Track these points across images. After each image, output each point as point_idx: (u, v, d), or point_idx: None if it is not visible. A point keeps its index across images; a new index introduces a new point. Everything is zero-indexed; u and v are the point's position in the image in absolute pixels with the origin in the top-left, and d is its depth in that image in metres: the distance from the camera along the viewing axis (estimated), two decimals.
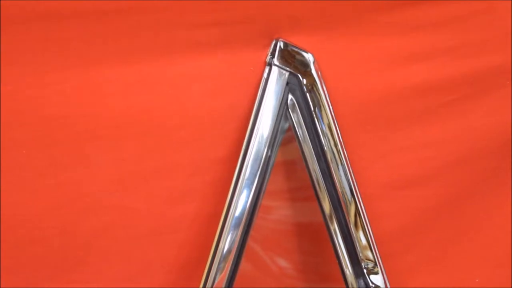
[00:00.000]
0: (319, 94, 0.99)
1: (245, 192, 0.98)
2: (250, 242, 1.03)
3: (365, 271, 1.01)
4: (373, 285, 1.01)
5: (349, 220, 1.01)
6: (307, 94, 0.99)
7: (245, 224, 0.98)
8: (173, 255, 1.06)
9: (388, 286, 1.02)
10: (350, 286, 1.01)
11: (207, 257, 0.99)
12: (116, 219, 1.03)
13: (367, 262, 1.01)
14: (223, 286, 0.99)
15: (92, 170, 1.00)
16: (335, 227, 1.01)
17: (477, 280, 1.15)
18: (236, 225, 0.98)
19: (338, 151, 1.00)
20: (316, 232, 1.12)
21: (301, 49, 0.98)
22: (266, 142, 0.98)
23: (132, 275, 1.06)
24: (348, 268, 1.01)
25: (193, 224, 1.05)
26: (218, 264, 0.98)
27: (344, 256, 1.01)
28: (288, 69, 0.97)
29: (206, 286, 0.99)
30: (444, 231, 1.13)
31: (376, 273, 1.02)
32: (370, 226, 1.02)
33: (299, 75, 0.98)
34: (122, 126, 0.99)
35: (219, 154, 1.02)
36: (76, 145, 0.98)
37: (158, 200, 1.03)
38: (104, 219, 1.02)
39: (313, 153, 1.00)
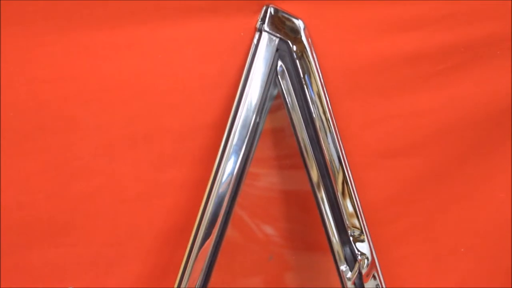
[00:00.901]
0: (308, 61, 0.99)
1: (232, 158, 0.99)
2: (236, 209, 1.04)
3: (351, 238, 1.03)
4: (359, 253, 1.03)
5: (336, 188, 1.02)
6: (297, 61, 0.99)
7: (232, 190, 1.00)
8: (160, 220, 1.07)
9: (374, 254, 1.04)
10: (336, 253, 1.03)
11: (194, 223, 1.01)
12: (103, 184, 1.04)
13: (354, 229, 1.03)
14: (209, 252, 1.00)
15: (80, 134, 1.01)
16: (322, 195, 1.02)
17: (462, 250, 1.18)
18: (223, 192, 0.99)
19: (327, 119, 1.01)
20: (303, 200, 1.13)
21: (291, 16, 0.99)
22: (254, 109, 0.99)
23: (120, 240, 1.07)
24: (334, 235, 1.03)
25: (180, 190, 1.06)
26: (205, 230, 0.99)
27: (330, 224, 1.03)
28: (278, 35, 0.98)
29: (192, 252, 1.00)
30: (431, 200, 1.15)
31: (362, 241, 1.03)
32: (358, 194, 1.04)
33: (289, 41, 0.99)
34: (111, 90, 1.00)
35: (207, 119, 1.03)
36: (64, 109, 0.99)
37: (146, 165, 1.04)
38: (92, 184, 1.03)
39: (302, 121, 1.00)
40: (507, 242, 1.19)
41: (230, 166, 0.99)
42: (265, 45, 0.98)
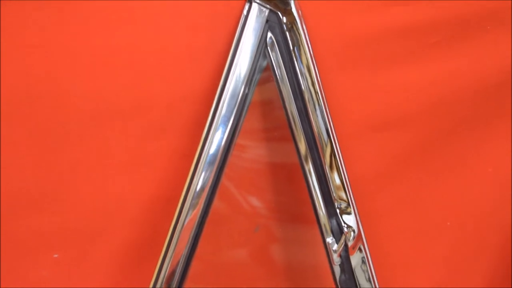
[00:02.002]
0: (298, 33, 1.01)
1: (220, 130, 1.00)
2: (224, 180, 1.06)
3: (338, 211, 1.04)
4: (346, 225, 1.04)
5: (324, 161, 1.03)
6: (287, 33, 1.00)
7: (219, 161, 1.01)
8: (148, 190, 1.09)
9: (361, 226, 1.05)
10: (322, 226, 1.04)
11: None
12: (90, 153, 1.05)
13: (340, 202, 1.04)
14: (196, 222, 1.01)
15: (68, 102, 1.02)
16: (310, 167, 1.03)
17: (448, 224, 1.20)
18: (211, 163, 1.01)
19: (315, 91, 1.02)
20: (290, 173, 1.15)
21: None
22: (243, 80, 1.00)
23: (106, 208, 1.09)
24: (321, 208, 1.04)
25: (168, 160, 1.08)
26: (191, 201, 1.01)
27: (317, 196, 1.04)
28: (268, 6, 0.99)
29: (179, 222, 1.02)
30: (418, 174, 1.17)
31: (349, 213, 1.04)
32: (345, 167, 1.05)
33: (279, 13, 1.00)
34: (100, 59, 1.01)
35: (196, 90, 1.05)
36: (53, 76, 1.01)
37: (134, 135, 1.06)
38: (79, 152, 1.05)
39: (291, 93, 1.02)
40: (493, 217, 1.21)
41: (218, 137, 1.01)
42: (255, 16, 0.99)
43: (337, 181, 1.04)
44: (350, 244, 1.04)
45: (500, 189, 1.20)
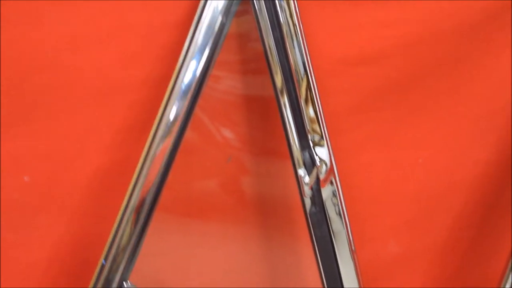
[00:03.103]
0: None
1: (196, 59, 1.01)
2: (197, 111, 1.07)
3: (311, 144, 1.05)
4: (318, 158, 1.05)
5: (299, 94, 1.04)
6: None
7: (193, 91, 1.02)
8: (120, 116, 1.10)
9: (333, 160, 1.06)
10: (295, 158, 1.05)
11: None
12: (65, 77, 1.06)
13: (314, 135, 1.05)
14: (168, 150, 1.03)
15: (43, 28, 1.03)
16: (285, 100, 1.04)
17: (420, 161, 1.22)
18: (185, 92, 1.02)
19: (294, 24, 1.03)
20: (264, 106, 1.16)
21: None
22: (221, 10, 1.00)
23: (79, 134, 1.10)
24: (294, 140, 1.05)
25: (142, 87, 1.09)
26: (164, 130, 1.03)
27: (291, 128, 1.05)
28: None
29: (150, 151, 1.03)
30: (393, 110, 1.19)
31: (322, 146, 1.05)
32: (320, 101, 1.06)
33: None
34: None
35: (172, 17, 1.05)
36: (28, 2, 1.01)
37: (109, 61, 1.07)
38: (53, 76, 1.06)
39: (269, 25, 1.02)
40: (465, 157, 1.24)
41: (193, 66, 1.02)
42: None
43: (312, 114, 1.05)
44: (321, 177, 1.06)
45: (472, 129, 1.22)
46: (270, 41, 1.03)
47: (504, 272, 1.16)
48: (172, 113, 1.03)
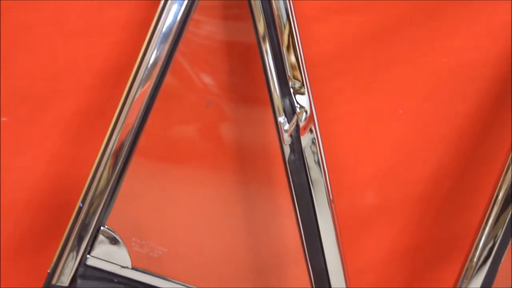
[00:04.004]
0: None
1: (177, 2, 1.01)
2: (177, 56, 1.08)
3: (291, 91, 1.06)
4: (298, 105, 1.06)
5: (281, 41, 1.05)
6: None
7: (174, 35, 1.02)
8: (100, 58, 1.11)
9: (313, 108, 1.07)
10: (275, 105, 1.06)
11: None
12: (44, 16, 1.07)
13: (295, 82, 1.06)
14: (147, 95, 1.04)
15: None
16: (267, 47, 1.04)
17: (400, 112, 1.23)
18: (166, 36, 1.02)
19: None
20: (245, 52, 1.16)
21: None
22: None
23: (57, 75, 1.11)
24: (275, 87, 1.06)
25: (123, 29, 1.09)
26: (144, 74, 1.03)
27: (272, 75, 1.05)
28: None
29: (130, 94, 1.04)
30: (375, 60, 1.19)
31: (303, 94, 1.06)
32: (302, 48, 1.06)
33: None
34: None
35: None
36: None
37: (90, 2, 1.07)
38: (32, 15, 1.06)
39: None
40: (444, 108, 1.25)
41: (174, 10, 1.01)
42: None
43: (293, 60, 1.05)
44: (301, 124, 1.07)
45: (453, 81, 1.23)
46: None
47: (480, 225, 1.17)
48: (152, 57, 1.03)
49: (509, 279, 1.22)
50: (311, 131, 1.08)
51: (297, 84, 1.06)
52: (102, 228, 1.08)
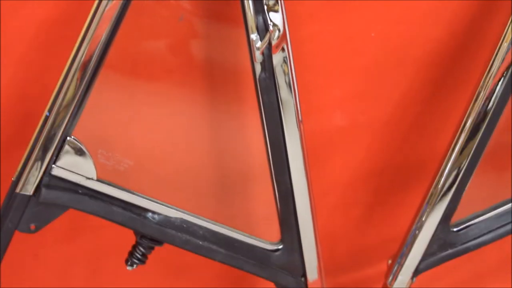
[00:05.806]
0: None
1: None
2: None
3: (265, 7, 1.06)
4: (271, 23, 1.06)
5: None
6: None
7: None
8: None
9: (286, 26, 1.07)
10: (248, 22, 1.07)
11: None
12: None
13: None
14: (118, 8, 1.03)
15: None
16: None
17: (372, 34, 1.26)
18: None
19: None
20: None
21: None
22: None
23: None
24: (249, 4, 1.06)
25: None
26: None
27: None
28: None
29: (101, 4, 1.02)
30: None
31: (276, 11, 1.07)
32: None
33: None
34: None
35: None
36: None
37: None
38: None
39: None
40: (416, 33, 1.28)
41: None
42: None
43: None
44: (274, 42, 1.07)
45: (426, 5, 1.25)
46: None
47: (446, 152, 1.19)
48: None
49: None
50: (283, 49, 1.09)
51: (271, 1, 1.07)
52: (68, 138, 1.09)
